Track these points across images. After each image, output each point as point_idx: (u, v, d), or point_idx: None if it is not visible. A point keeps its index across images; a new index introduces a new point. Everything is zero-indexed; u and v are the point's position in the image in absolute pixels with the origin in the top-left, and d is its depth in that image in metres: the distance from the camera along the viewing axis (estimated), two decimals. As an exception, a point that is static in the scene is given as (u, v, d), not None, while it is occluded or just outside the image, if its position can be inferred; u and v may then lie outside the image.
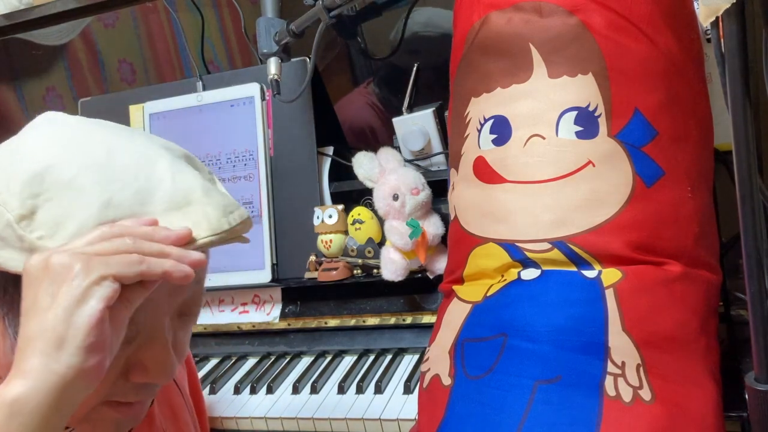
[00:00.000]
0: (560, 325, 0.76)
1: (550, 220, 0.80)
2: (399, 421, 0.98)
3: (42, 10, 1.44)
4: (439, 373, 0.82)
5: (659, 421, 0.71)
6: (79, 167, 0.58)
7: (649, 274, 0.78)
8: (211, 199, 0.61)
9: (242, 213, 0.63)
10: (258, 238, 1.25)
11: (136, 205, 0.58)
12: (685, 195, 0.81)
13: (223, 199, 0.63)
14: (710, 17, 0.59)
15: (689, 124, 0.83)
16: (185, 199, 0.60)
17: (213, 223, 0.60)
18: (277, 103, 1.25)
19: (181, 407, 0.88)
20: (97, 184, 0.57)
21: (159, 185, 0.59)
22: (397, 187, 1.10)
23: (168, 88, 1.36)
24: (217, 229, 0.60)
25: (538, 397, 0.72)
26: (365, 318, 1.19)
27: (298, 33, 1.09)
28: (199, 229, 0.59)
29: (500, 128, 0.85)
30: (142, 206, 0.58)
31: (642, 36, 0.81)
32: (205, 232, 0.59)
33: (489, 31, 0.86)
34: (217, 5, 1.44)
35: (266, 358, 1.25)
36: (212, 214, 0.60)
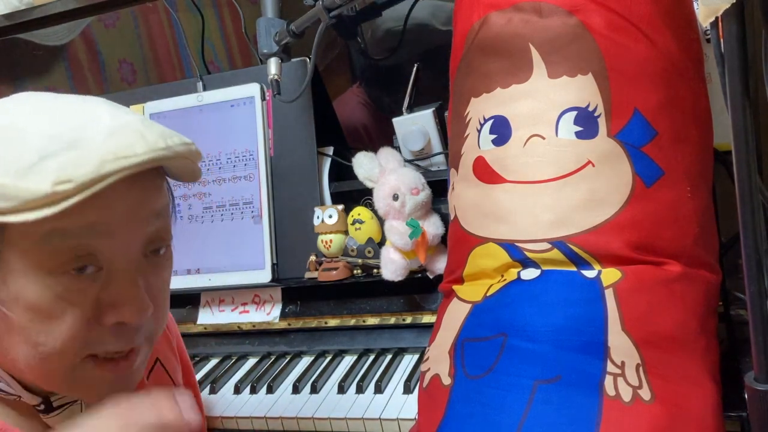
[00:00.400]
0: (560, 325, 0.76)
1: (549, 220, 0.80)
2: (399, 421, 0.98)
3: (42, 10, 1.44)
4: (439, 372, 0.82)
5: (659, 421, 0.71)
6: (21, 113, 0.61)
7: (648, 274, 0.78)
8: (149, 126, 0.62)
9: (184, 139, 0.64)
10: (258, 238, 1.26)
11: (76, 133, 0.58)
12: (685, 195, 0.81)
13: (163, 128, 0.64)
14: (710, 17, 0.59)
15: (689, 124, 0.83)
16: (125, 126, 0.61)
17: (150, 142, 0.60)
18: (277, 103, 1.25)
19: None
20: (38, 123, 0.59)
21: (99, 119, 0.61)
22: (397, 187, 1.10)
23: (168, 88, 1.37)
24: (154, 147, 0.60)
25: (538, 396, 0.72)
26: (365, 318, 1.19)
27: (298, 33, 1.09)
28: (136, 147, 0.59)
29: (500, 128, 0.85)
30: (83, 131, 0.58)
31: (641, 36, 0.81)
32: (142, 148, 0.59)
33: (489, 31, 0.86)
34: (217, 5, 1.44)
35: (266, 357, 1.25)
36: (149, 135, 0.61)
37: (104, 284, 0.62)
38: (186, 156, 0.64)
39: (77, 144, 0.57)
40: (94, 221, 0.59)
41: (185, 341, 1.01)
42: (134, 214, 0.62)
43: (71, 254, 0.59)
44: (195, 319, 1.31)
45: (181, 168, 0.66)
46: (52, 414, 0.67)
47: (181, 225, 1.32)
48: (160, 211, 0.65)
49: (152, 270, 0.66)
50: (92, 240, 0.60)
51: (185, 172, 0.67)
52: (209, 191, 1.31)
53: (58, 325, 0.60)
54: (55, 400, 0.67)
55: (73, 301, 0.60)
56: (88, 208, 0.58)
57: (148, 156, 0.59)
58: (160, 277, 0.67)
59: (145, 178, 0.63)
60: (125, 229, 0.62)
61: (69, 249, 0.59)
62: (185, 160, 0.64)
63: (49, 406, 0.67)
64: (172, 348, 0.92)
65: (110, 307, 0.62)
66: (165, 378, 0.87)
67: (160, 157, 0.60)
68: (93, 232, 0.59)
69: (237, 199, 1.28)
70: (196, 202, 1.31)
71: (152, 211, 0.64)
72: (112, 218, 0.60)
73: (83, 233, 0.59)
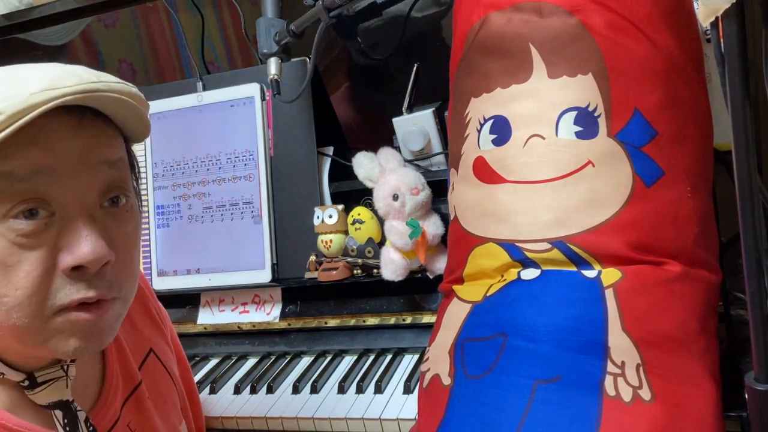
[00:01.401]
0: (560, 325, 0.76)
1: (549, 220, 0.80)
2: (399, 421, 0.98)
3: (42, 10, 1.44)
4: (439, 372, 0.82)
5: (659, 421, 0.71)
6: None
7: (648, 274, 0.78)
8: (88, 70, 0.64)
9: (124, 82, 0.65)
10: (258, 238, 1.26)
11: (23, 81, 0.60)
12: (685, 195, 0.81)
13: (102, 72, 0.65)
14: (710, 17, 0.59)
15: (689, 124, 0.83)
16: (64, 69, 0.63)
17: (83, 77, 0.62)
18: (277, 103, 1.25)
19: (171, 391, 0.89)
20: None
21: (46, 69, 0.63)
22: (397, 187, 1.10)
23: (168, 88, 1.37)
24: (86, 80, 0.61)
25: (538, 396, 0.72)
26: (365, 318, 1.19)
27: (298, 33, 1.09)
28: (67, 80, 0.61)
29: (500, 128, 0.85)
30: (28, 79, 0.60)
31: (642, 36, 0.81)
32: (72, 81, 0.61)
33: (489, 31, 0.86)
34: (217, 5, 1.44)
35: (266, 357, 1.25)
36: (84, 73, 0.63)
37: (59, 231, 0.62)
38: (124, 94, 0.65)
39: (18, 88, 0.59)
40: (37, 164, 0.61)
41: (185, 341, 1.01)
42: (82, 160, 0.63)
43: (19, 198, 0.60)
44: (195, 319, 1.31)
45: (127, 116, 0.67)
46: (36, 390, 0.68)
47: (181, 225, 1.32)
48: (114, 161, 0.66)
49: (112, 221, 0.66)
50: (39, 183, 0.61)
51: (133, 122, 0.68)
52: (209, 191, 1.31)
53: (17, 274, 0.61)
54: (39, 376, 0.68)
55: (28, 246, 0.61)
56: (31, 151, 0.60)
57: (78, 87, 0.61)
58: (121, 229, 0.67)
59: (92, 127, 0.64)
60: (73, 175, 0.63)
61: (16, 193, 0.60)
62: (126, 101, 0.65)
63: (34, 382, 0.68)
64: (165, 339, 0.92)
65: (66, 251, 0.62)
66: (159, 368, 0.87)
67: (91, 89, 0.61)
68: (38, 175, 0.61)
69: (237, 199, 1.28)
70: (196, 202, 1.31)
71: (103, 159, 0.65)
72: (56, 163, 0.62)
73: (28, 176, 0.60)
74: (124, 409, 0.78)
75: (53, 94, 0.59)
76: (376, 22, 1.34)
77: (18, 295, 0.61)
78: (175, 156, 1.33)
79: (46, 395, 0.68)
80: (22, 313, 0.62)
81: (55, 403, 0.69)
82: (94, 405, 0.75)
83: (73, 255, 0.62)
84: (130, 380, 0.81)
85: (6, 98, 0.58)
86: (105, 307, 0.65)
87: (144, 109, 0.68)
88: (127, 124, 0.68)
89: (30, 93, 0.59)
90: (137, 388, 0.81)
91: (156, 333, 0.90)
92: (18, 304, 0.61)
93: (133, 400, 0.80)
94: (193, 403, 0.98)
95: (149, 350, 0.87)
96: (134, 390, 0.81)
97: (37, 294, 0.62)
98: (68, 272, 0.62)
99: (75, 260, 0.62)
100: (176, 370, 0.92)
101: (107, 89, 0.63)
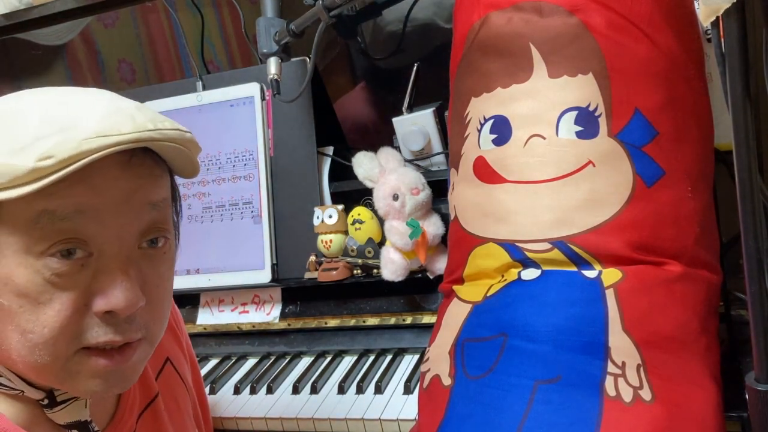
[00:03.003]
0: (560, 325, 0.76)
1: (550, 220, 0.80)
2: (399, 422, 0.98)
3: (42, 10, 1.44)
4: (440, 373, 0.82)
5: (659, 421, 0.71)
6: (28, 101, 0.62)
7: (649, 274, 0.78)
8: (142, 110, 0.63)
9: (177, 125, 0.64)
10: (258, 238, 1.25)
11: (71, 118, 0.59)
12: (686, 195, 0.81)
13: (158, 114, 0.64)
14: (710, 17, 0.59)
15: (689, 124, 0.83)
16: (117, 110, 0.61)
17: (138, 124, 0.60)
18: (277, 103, 1.25)
19: (186, 401, 0.88)
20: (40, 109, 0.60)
21: (95, 104, 0.61)
22: (397, 187, 1.10)
23: (168, 88, 1.36)
24: (141, 128, 0.60)
25: (538, 397, 0.72)
26: (365, 318, 1.19)
27: (298, 33, 1.09)
28: (122, 127, 0.59)
29: (500, 128, 0.85)
30: (78, 117, 0.59)
31: (642, 36, 0.81)
32: (128, 128, 0.59)
33: (489, 31, 0.86)
34: (217, 5, 1.44)
35: (266, 358, 1.25)
36: (139, 117, 0.61)
37: (95, 272, 0.61)
38: (178, 141, 0.63)
39: (69, 127, 0.58)
40: (82, 204, 0.59)
41: (185, 342, 1.01)
42: (126, 201, 0.62)
43: (59, 237, 0.59)
44: (194, 319, 1.31)
45: (177, 158, 0.66)
46: (56, 408, 0.67)
47: (180, 225, 1.31)
48: (156, 203, 0.65)
49: (147, 262, 0.65)
50: (81, 223, 0.60)
51: (182, 162, 0.67)
52: (209, 191, 1.31)
53: (46, 312, 0.60)
54: (59, 395, 0.67)
55: (61, 286, 0.60)
56: (77, 190, 0.59)
57: (133, 136, 0.59)
58: (156, 270, 0.66)
59: (140, 166, 0.63)
60: (116, 216, 0.61)
61: (57, 231, 0.59)
62: (179, 148, 0.64)
63: (53, 400, 0.67)
64: (182, 348, 0.91)
65: (100, 294, 0.61)
66: (176, 379, 0.87)
67: (146, 137, 0.60)
68: (81, 215, 0.59)
69: (237, 199, 1.28)
70: (195, 202, 1.31)
71: (147, 201, 0.64)
72: (101, 203, 0.60)
73: (71, 216, 0.59)
74: (140, 422, 0.77)
75: (107, 141, 0.58)
76: (376, 22, 1.33)
77: (45, 333, 0.60)
78: (175, 156, 1.32)
79: (65, 415, 0.67)
80: (46, 351, 0.61)
81: (74, 423, 0.68)
82: (111, 419, 0.74)
83: (106, 300, 0.61)
84: (147, 392, 0.80)
85: (57, 134, 0.57)
86: (129, 353, 0.64)
87: (195, 153, 0.67)
88: (177, 165, 0.67)
89: (83, 138, 0.57)
90: (154, 400, 0.80)
91: (172, 340, 0.89)
92: (43, 342, 0.60)
93: (149, 412, 0.79)
94: (203, 410, 0.97)
95: (166, 359, 0.86)
96: (151, 402, 0.80)
97: (65, 334, 0.61)
98: (100, 315, 0.62)
99: (108, 306, 0.61)
100: (190, 377, 0.92)
101: (162, 138, 0.61)
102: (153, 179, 0.65)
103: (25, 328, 0.60)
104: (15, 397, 0.66)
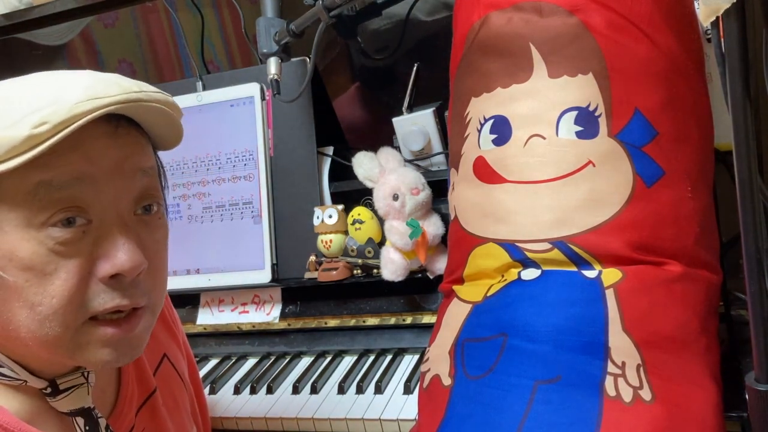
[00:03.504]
0: (560, 325, 0.76)
1: (550, 220, 0.80)
2: (399, 422, 0.98)
3: (42, 10, 1.44)
4: (440, 373, 0.82)
5: (659, 422, 0.71)
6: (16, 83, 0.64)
7: (649, 274, 0.78)
8: (127, 78, 0.65)
9: (161, 91, 0.67)
10: (258, 238, 1.25)
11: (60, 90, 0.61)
12: (686, 195, 0.81)
13: (142, 82, 0.66)
14: (710, 17, 0.59)
15: (689, 124, 0.83)
16: (103, 78, 0.63)
17: (124, 87, 0.63)
18: (277, 103, 1.25)
19: (183, 397, 0.88)
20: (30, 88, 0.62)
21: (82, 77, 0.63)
22: (397, 187, 1.10)
23: (168, 88, 1.35)
24: (127, 90, 0.62)
25: (538, 397, 0.72)
26: (365, 318, 1.19)
27: (298, 33, 1.09)
28: (109, 90, 0.61)
29: (500, 128, 0.85)
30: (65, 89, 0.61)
31: (642, 36, 0.81)
32: (115, 91, 0.62)
33: (489, 31, 0.86)
34: (217, 5, 1.44)
35: (266, 358, 1.25)
36: (124, 82, 0.63)
37: (96, 239, 0.63)
38: (163, 103, 0.66)
39: (59, 97, 0.60)
40: (77, 172, 0.61)
41: (184, 342, 1.01)
42: (119, 168, 0.64)
43: (58, 206, 0.61)
44: (194, 319, 1.30)
45: (162, 124, 0.68)
46: (59, 397, 0.68)
47: (180, 225, 1.31)
48: (146, 169, 0.67)
49: (144, 228, 0.67)
50: (78, 191, 0.61)
51: (167, 130, 0.69)
52: (209, 191, 1.31)
53: (53, 282, 0.61)
54: (61, 383, 0.68)
55: (65, 254, 0.61)
56: (71, 158, 0.61)
57: (122, 97, 0.61)
58: (152, 236, 0.68)
59: (127, 135, 0.65)
60: (111, 182, 0.63)
61: (56, 201, 0.61)
62: (165, 111, 0.66)
63: (56, 389, 0.68)
64: (179, 345, 0.92)
65: (104, 258, 0.63)
66: (173, 375, 0.87)
67: (134, 98, 0.62)
68: (77, 183, 0.61)
69: (237, 199, 1.28)
70: (195, 202, 1.31)
71: (138, 167, 0.66)
72: (95, 170, 0.62)
73: (68, 184, 0.61)
74: (139, 415, 0.78)
75: (98, 103, 0.60)
76: (376, 22, 1.33)
77: (54, 303, 0.61)
78: (175, 156, 1.33)
79: (68, 402, 0.68)
80: (56, 321, 0.62)
81: (77, 411, 0.69)
82: (111, 412, 0.74)
83: (111, 263, 0.62)
84: (145, 387, 0.80)
85: (48, 106, 0.59)
86: (135, 321, 0.66)
87: (178, 117, 0.69)
88: (159, 132, 0.69)
89: (75, 102, 0.59)
90: (152, 394, 0.81)
91: (169, 337, 0.90)
92: (53, 313, 0.61)
93: (147, 406, 0.79)
94: (201, 407, 0.98)
95: (163, 355, 0.86)
96: (149, 397, 0.80)
97: (73, 302, 0.62)
98: (105, 280, 0.63)
99: (113, 268, 0.62)
100: (187, 374, 0.92)
101: (149, 99, 0.64)
102: (140, 147, 0.67)
103: (33, 301, 0.61)
104: (17, 388, 0.67)
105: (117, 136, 0.64)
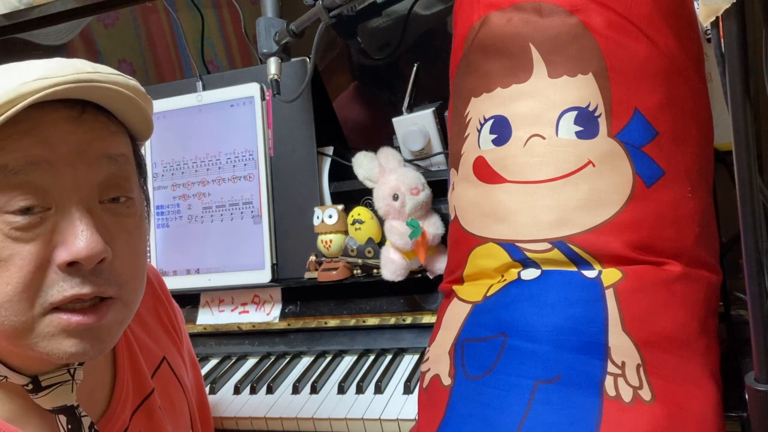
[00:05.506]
0: (560, 325, 0.76)
1: (550, 220, 0.80)
2: (399, 421, 0.98)
3: (42, 10, 1.44)
4: (439, 373, 0.82)
5: (659, 421, 0.71)
6: None
7: (649, 274, 0.78)
8: (87, 62, 0.63)
9: (121, 73, 0.64)
10: (258, 238, 1.25)
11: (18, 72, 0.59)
12: (685, 195, 0.81)
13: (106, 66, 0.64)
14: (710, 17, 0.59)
15: (689, 124, 0.83)
16: (60, 60, 0.62)
17: (77, 67, 0.61)
18: (277, 103, 1.25)
19: (182, 402, 0.87)
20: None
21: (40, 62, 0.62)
22: (397, 187, 1.10)
23: (168, 88, 1.36)
24: (80, 70, 0.61)
25: (538, 397, 0.72)
26: (365, 318, 1.19)
27: (298, 33, 1.09)
28: (61, 71, 0.60)
29: (500, 128, 0.85)
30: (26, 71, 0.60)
31: (642, 36, 0.81)
32: (66, 71, 0.60)
33: (489, 31, 0.86)
34: (217, 5, 1.44)
35: (266, 358, 1.25)
36: (79, 64, 0.62)
37: (55, 225, 0.61)
38: (121, 85, 0.63)
39: (10, 79, 0.59)
40: (33, 156, 0.60)
41: (185, 342, 1.01)
42: (81, 153, 0.62)
43: (14, 191, 0.59)
44: (194, 319, 1.31)
45: (129, 110, 0.66)
46: (41, 394, 0.66)
47: (181, 225, 1.32)
48: (114, 156, 0.65)
49: (111, 216, 0.65)
50: (34, 176, 0.60)
51: (136, 117, 0.67)
52: (209, 191, 1.31)
53: (8, 268, 0.60)
54: (44, 380, 0.66)
55: (22, 240, 0.60)
56: (26, 142, 0.59)
57: (72, 77, 0.60)
58: (121, 225, 0.65)
59: (93, 121, 0.63)
60: (70, 167, 0.62)
61: (11, 186, 0.59)
62: (127, 95, 0.64)
63: (38, 385, 0.66)
64: (180, 351, 0.91)
65: (61, 246, 0.61)
66: (172, 379, 0.86)
67: (85, 78, 0.60)
68: (33, 167, 0.60)
69: (237, 199, 1.28)
70: (195, 202, 1.31)
71: (103, 153, 0.64)
72: (53, 155, 0.61)
73: (23, 169, 0.60)
74: (134, 418, 0.76)
75: (46, 83, 0.58)
76: (376, 21, 1.33)
77: (8, 291, 0.60)
78: (175, 156, 1.33)
79: (50, 399, 0.67)
80: (12, 310, 0.60)
81: (60, 408, 0.67)
82: (103, 413, 0.73)
83: (68, 250, 0.61)
84: (141, 388, 0.79)
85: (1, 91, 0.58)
86: (102, 310, 0.63)
87: (146, 105, 0.67)
88: (130, 120, 0.67)
89: (22, 82, 0.58)
90: (149, 397, 0.79)
91: (170, 341, 0.89)
92: (8, 300, 0.60)
93: (143, 409, 0.78)
94: (204, 414, 0.96)
95: (162, 358, 0.85)
96: (145, 399, 0.79)
97: (29, 290, 0.60)
98: (63, 268, 0.61)
99: (70, 255, 0.60)
100: (188, 381, 0.91)
101: (104, 80, 0.62)
102: (108, 133, 0.65)
103: None
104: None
105: (81, 122, 0.62)
